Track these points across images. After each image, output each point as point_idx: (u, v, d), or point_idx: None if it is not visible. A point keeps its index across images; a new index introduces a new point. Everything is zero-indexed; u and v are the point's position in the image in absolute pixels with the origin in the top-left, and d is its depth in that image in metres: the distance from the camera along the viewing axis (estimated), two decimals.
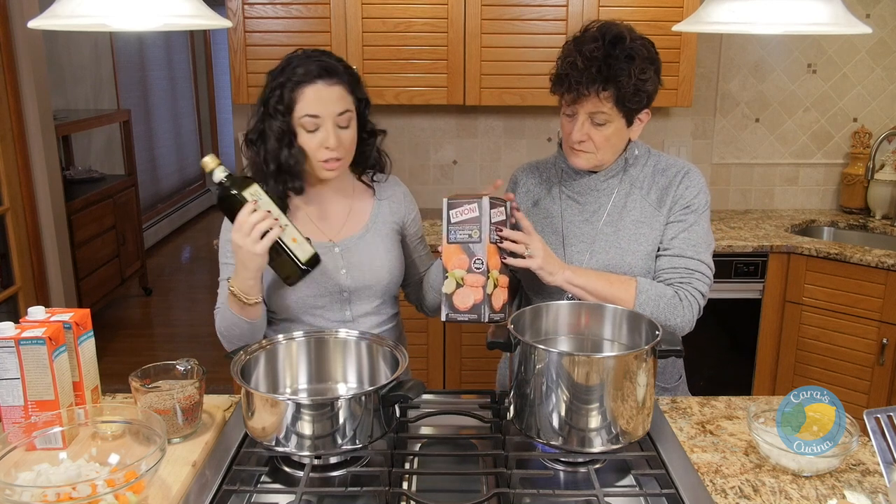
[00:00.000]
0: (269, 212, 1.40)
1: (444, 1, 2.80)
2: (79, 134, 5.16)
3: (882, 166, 3.21)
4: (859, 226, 3.21)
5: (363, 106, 1.61)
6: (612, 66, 1.46)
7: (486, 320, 1.41)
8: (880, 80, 3.28)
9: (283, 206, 1.56)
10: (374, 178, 1.71)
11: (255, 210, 1.39)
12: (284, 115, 1.51)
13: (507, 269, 1.49)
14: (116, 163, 5.72)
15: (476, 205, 1.41)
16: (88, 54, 5.46)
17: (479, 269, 1.41)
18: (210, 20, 1.19)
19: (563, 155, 1.65)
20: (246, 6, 2.80)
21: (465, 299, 1.41)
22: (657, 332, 1.28)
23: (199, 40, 7.79)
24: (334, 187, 1.65)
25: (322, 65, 1.52)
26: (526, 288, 1.75)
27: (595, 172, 1.63)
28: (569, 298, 1.62)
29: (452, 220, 1.42)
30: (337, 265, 1.60)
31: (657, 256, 1.60)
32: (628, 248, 1.60)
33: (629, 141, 1.63)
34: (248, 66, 2.85)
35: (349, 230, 1.65)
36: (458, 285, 1.41)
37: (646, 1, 2.78)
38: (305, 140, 1.52)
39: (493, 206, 1.43)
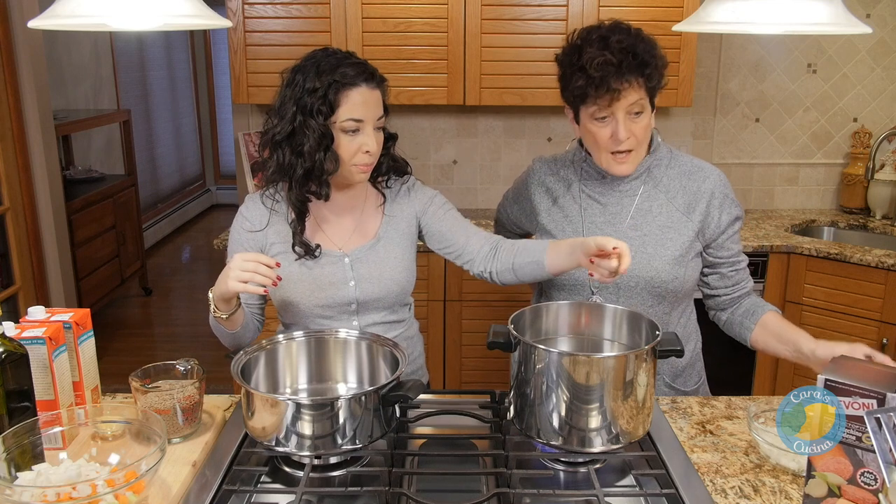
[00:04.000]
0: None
1: (444, 1, 2.80)
2: (79, 134, 5.16)
3: (882, 166, 3.21)
4: (859, 226, 3.21)
5: (386, 113, 1.58)
6: (642, 50, 1.47)
7: None
8: (880, 80, 3.28)
9: (304, 211, 1.54)
10: (388, 183, 1.66)
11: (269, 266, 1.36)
12: (326, 117, 1.46)
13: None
14: (116, 163, 5.72)
15: (875, 401, 1.06)
16: (88, 54, 5.46)
17: (868, 485, 1.10)
18: (210, 20, 1.19)
19: (584, 152, 1.64)
20: (246, 6, 2.80)
21: None
22: (657, 333, 1.28)
23: (199, 40, 7.78)
24: (346, 195, 1.60)
25: (365, 68, 1.50)
26: (549, 286, 1.72)
27: None
28: (589, 299, 1.61)
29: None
30: (346, 276, 1.57)
31: (730, 267, 1.64)
32: (655, 254, 1.58)
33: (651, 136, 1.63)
34: (248, 66, 2.85)
35: (359, 240, 1.60)
36: (832, 493, 1.13)
37: (646, 1, 2.78)
38: (344, 143, 1.48)
39: None
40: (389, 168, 1.64)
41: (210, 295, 1.44)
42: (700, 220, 1.60)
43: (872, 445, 1.09)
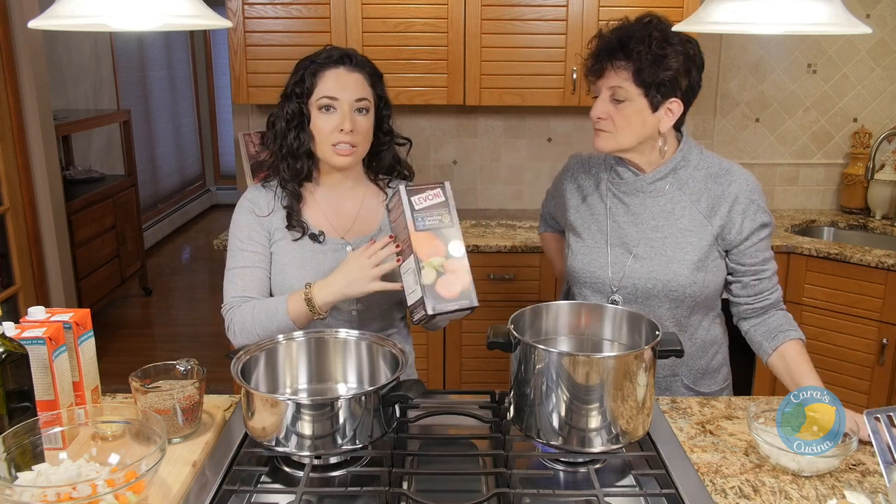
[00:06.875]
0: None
1: (444, 1, 2.80)
2: (79, 134, 5.16)
3: (882, 166, 3.21)
4: (859, 226, 3.21)
5: (383, 105, 1.62)
6: (630, 37, 1.50)
7: (477, 304, 1.35)
8: (880, 80, 3.28)
9: (297, 197, 1.58)
10: (391, 184, 1.68)
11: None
12: (301, 98, 1.53)
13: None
14: (116, 163, 5.72)
15: (440, 189, 1.38)
16: (88, 54, 5.46)
17: (458, 253, 1.35)
18: (210, 20, 1.19)
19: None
20: (246, 6, 2.80)
21: (451, 286, 1.34)
22: (657, 333, 1.28)
23: (199, 40, 7.78)
24: (349, 183, 1.64)
25: (346, 52, 1.57)
26: (573, 282, 1.72)
27: (644, 172, 1.60)
28: (612, 301, 1.62)
29: (416, 207, 1.36)
30: None
31: (752, 276, 1.60)
32: (674, 257, 1.57)
33: (670, 138, 1.59)
34: (248, 66, 2.85)
35: (361, 229, 1.63)
36: (439, 273, 1.34)
37: (646, 1, 2.78)
38: (320, 122, 1.53)
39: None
40: (393, 167, 1.67)
41: (313, 298, 1.46)
42: (720, 225, 1.57)
43: (450, 222, 1.37)
